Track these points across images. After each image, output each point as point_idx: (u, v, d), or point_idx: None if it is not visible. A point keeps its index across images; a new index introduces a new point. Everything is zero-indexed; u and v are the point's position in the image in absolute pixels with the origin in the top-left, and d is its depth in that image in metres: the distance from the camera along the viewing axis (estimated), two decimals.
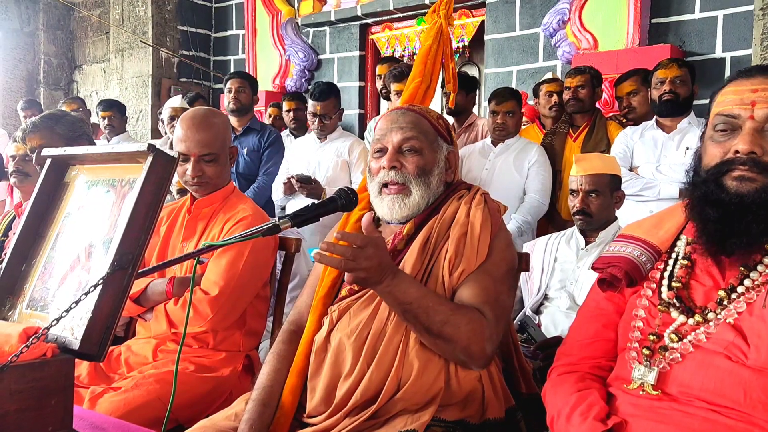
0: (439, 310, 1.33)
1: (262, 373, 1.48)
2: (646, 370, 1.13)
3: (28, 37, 7.34)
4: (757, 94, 1.11)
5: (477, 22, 5.01)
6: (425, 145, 1.52)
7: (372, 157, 1.57)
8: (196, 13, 6.50)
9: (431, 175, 1.52)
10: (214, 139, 2.01)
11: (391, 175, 1.49)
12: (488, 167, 3.47)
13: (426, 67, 1.88)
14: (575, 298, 2.42)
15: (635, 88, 3.52)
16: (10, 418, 0.88)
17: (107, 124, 5.02)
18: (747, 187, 1.08)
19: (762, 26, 3.40)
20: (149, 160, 1.00)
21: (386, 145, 1.52)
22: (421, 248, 1.45)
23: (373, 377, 1.35)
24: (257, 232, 1.23)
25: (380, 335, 1.38)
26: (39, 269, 1.11)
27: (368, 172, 1.58)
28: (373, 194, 1.55)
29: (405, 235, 1.48)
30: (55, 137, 2.42)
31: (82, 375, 1.85)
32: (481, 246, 1.43)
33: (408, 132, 1.51)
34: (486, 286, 1.42)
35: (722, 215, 1.10)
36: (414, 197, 1.49)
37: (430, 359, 1.37)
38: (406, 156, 1.51)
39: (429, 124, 1.55)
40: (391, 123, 1.54)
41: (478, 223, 1.45)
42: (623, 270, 1.22)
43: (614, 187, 2.52)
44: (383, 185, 1.51)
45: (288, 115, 4.55)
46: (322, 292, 1.52)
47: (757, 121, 1.10)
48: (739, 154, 1.09)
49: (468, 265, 1.42)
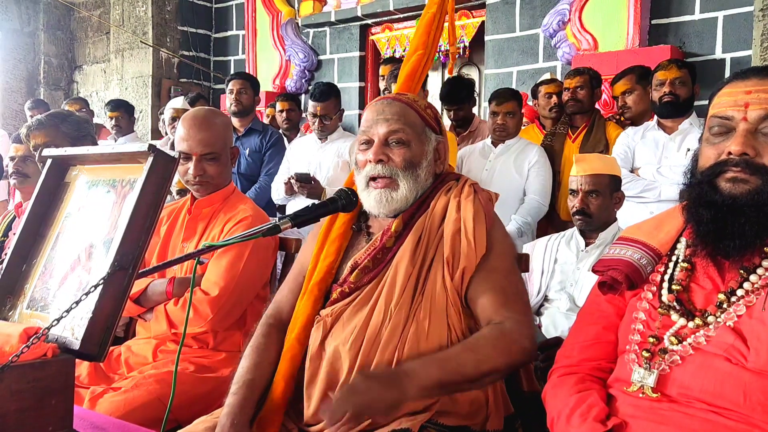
0: (464, 360, 1.27)
1: (241, 367, 1.43)
2: (645, 372, 1.13)
3: (28, 38, 7.34)
4: (750, 95, 1.11)
5: (477, 23, 5.01)
6: (412, 136, 1.47)
7: (358, 149, 1.51)
8: (196, 13, 6.51)
9: (419, 167, 1.47)
10: (216, 138, 2.02)
11: (377, 168, 1.45)
12: (488, 168, 3.47)
13: (429, 37, 1.81)
14: (575, 300, 2.42)
15: (629, 87, 3.52)
16: (10, 417, 0.88)
17: (114, 125, 5.01)
18: (740, 188, 1.08)
19: (762, 27, 3.40)
20: (150, 161, 1.00)
21: (372, 137, 1.47)
22: (413, 249, 1.41)
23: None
24: (258, 233, 1.23)
25: (375, 342, 1.35)
26: (39, 269, 1.11)
27: (355, 165, 1.53)
28: (360, 188, 1.50)
29: (394, 232, 1.44)
30: (59, 136, 2.42)
31: (82, 375, 1.85)
32: (478, 240, 1.39)
33: (394, 124, 1.46)
34: (501, 285, 1.38)
35: (716, 216, 1.10)
36: (402, 191, 1.45)
37: None
38: (393, 149, 1.45)
39: (416, 114, 1.50)
40: (377, 114, 1.48)
41: (470, 217, 1.40)
42: (623, 273, 1.22)
43: (614, 187, 2.52)
44: (370, 179, 1.47)
45: (281, 115, 4.56)
46: (311, 297, 1.46)
47: (750, 122, 1.10)
48: (732, 156, 1.09)
49: (468, 263, 1.38)
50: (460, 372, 1.26)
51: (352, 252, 1.50)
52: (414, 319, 1.36)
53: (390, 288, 1.39)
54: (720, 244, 1.11)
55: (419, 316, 1.37)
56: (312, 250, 1.55)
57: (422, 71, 1.82)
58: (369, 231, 1.52)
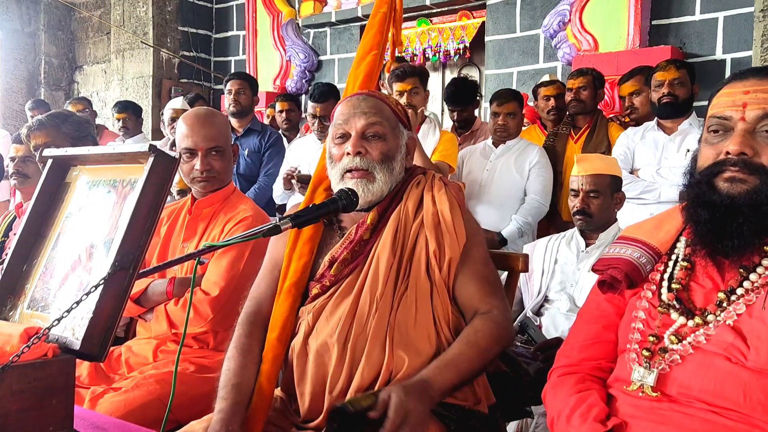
0: (472, 357, 1.36)
1: (227, 369, 1.41)
2: (645, 371, 1.13)
3: (28, 38, 7.35)
4: (748, 95, 1.11)
5: (478, 24, 5.02)
6: (388, 130, 1.50)
7: (333, 143, 1.52)
8: (196, 13, 6.51)
9: (394, 161, 1.51)
10: (219, 133, 2.04)
11: (356, 161, 1.47)
12: (489, 168, 3.47)
13: (382, 36, 1.85)
14: (575, 300, 2.42)
15: (638, 88, 3.51)
16: (11, 417, 0.88)
17: (122, 126, 5.00)
18: (738, 188, 1.09)
19: (762, 28, 3.40)
20: (150, 161, 1.00)
21: (349, 131, 1.49)
22: (392, 240, 1.44)
23: (364, 375, 1.34)
24: (258, 233, 1.23)
25: (363, 331, 1.37)
26: (40, 269, 1.11)
27: (328, 159, 1.54)
28: (335, 180, 1.51)
29: (370, 225, 1.47)
30: (60, 136, 2.42)
31: (82, 375, 1.85)
32: (458, 230, 1.45)
33: (372, 117, 1.49)
34: (482, 274, 1.47)
35: (714, 216, 1.11)
36: (378, 183, 1.48)
37: (419, 349, 1.37)
38: (371, 142, 1.48)
39: (390, 109, 1.54)
40: (353, 108, 1.50)
41: (447, 209, 1.46)
42: (623, 272, 1.23)
43: (615, 188, 2.52)
44: (347, 171, 1.48)
45: (280, 115, 4.56)
46: (288, 298, 1.46)
47: (748, 122, 1.10)
48: (730, 155, 1.10)
49: (453, 253, 1.43)
50: (470, 370, 1.35)
51: (326, 248, 1.51)
52: (400, 307, 1.40)
53: (373, 278, 1.42)
54: (719, 244, 1.11)
55: (406, 304, 1.40)
56: (283, 245, 1.54)
57: (378, 70, 1.86)
58: (341, 226, 1.54)
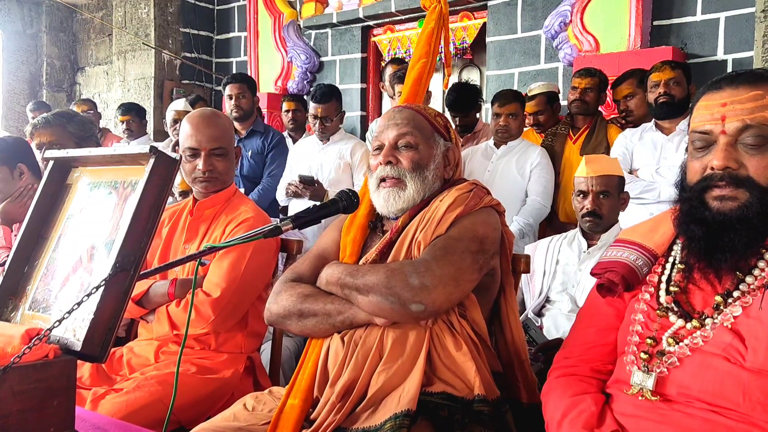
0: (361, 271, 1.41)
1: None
2: (644, 375, 1.14)
3: (30, 39, 7.36)
4: (726, 108, 1.11)
5: (479, 24, 5.01)
6: (420, 140, 1.56)
7: (372, 155, 1.62)
8: (198, 15, 6.52)
9: (426, 169, 1.56)
10: (223, 134, 2.06)
11: (386, 170, 1.55)
12: (490, 169, 3.47)
13: (431, 47, 1.99)
14: (577, 301, 2.42)
15: (632, 90, 3.49)
16: (12, 418, 0.88)
17: (126, 128, 5.00)
18: (728, 206, 1.09)
19: (764, 28, 3.39)
20: (151, 162, 1.00)
21: (383, 142, 1.58)
22: (409, 242, 1.49)
23: (358, 359, 1.38)
24: (259, 234, 1.23)
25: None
26: (41, 271, 1.11)
27: (368, 170, 1.64)
28: (372, 190, 1.60)
29: (399, 227, 1.53)
30: (65, 135, 2.45)
31: (84, 376, 1.85)
32: (442, 223, 1.46)
33: (403, 128, 1.56)
34: (435, 243, 1.43)
35: (707, 233, 1.11)
36: (409, 191, 1.54)
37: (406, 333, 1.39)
38: (402, 151, 1.56)
39: (425, 120, 1.60)
40: (388, 120, 1.60)
41: (444, 205, 1.49)
42: (619, 274, 1.23)
43: (621, 188, 2.52)
44: (380, 180, 1.57)
45: (287, 115, 4.56)
46: None
47: (729, 134, 1.10)
48: (715, 170, 1.10)
49: (425, 239, 1.45)
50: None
51: (367, 250, 1.58)
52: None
53: None
54: (712, 258, 1.12)
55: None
56: (331, 238, 1.63)
57: (427, 77, 1.98)
58: (383, 230, 1.62)
